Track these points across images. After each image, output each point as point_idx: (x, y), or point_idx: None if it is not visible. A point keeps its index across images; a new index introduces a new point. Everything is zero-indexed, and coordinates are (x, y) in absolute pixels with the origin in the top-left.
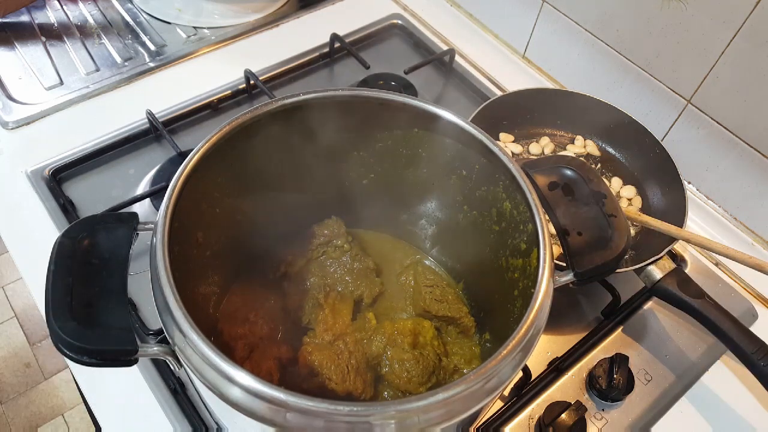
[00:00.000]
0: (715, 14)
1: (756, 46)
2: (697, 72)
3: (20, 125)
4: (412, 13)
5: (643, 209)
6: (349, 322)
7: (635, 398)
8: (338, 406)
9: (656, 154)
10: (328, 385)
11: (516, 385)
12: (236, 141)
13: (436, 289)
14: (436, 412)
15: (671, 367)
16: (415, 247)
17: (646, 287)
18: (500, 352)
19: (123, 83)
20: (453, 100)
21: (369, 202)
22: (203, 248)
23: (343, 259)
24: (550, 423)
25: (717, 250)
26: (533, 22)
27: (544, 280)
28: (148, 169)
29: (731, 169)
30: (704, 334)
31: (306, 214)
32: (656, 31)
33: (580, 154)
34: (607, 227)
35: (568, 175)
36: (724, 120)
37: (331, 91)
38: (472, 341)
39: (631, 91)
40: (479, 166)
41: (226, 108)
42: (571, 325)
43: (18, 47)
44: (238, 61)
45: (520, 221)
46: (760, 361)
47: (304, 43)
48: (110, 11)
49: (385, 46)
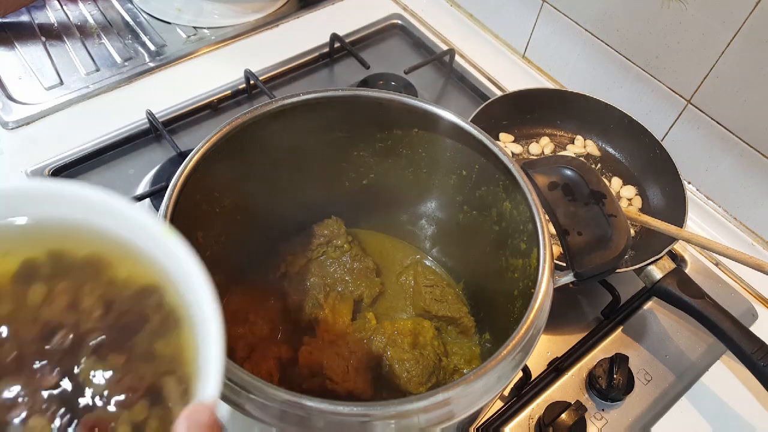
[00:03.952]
0: (715, 14)
1: (756, 46)
2: (697, 72)
3: (20, 125)
4: (412, 13)
5: (643, 209)
6: (349, 322)
7: (635, 398)
8: (338, 406)
9: (656, 154)
10: (328, 385)
11: (516, 385)
12: (236, 141)
13: (436, 289)
14: (436, 412)
15: (671, 367)
16: (415, 247)
17: (646, 287)
18: (500, 352)
19: (123, 83)
20: (453, 100)
21: (369, 201)
22: (203, 248)
23: (343, 259)
24: (550, 423)
25: (717, 250)
26: (533, 22)
27: (544, 280)
28: (148, 169)
29: (731, 169)
30: (704, 334)
31: (306, 214)
32: (656, 31)
33: (580, 154)
34: (607, 227)
35: (568, 175)
36: (724, 120)
37: (331, 91)
38: (472, 341)
39: (631, 91)
40: (479, 166)
41: (226, 108)
42: (571, 325)
43: (18, 47)
44: (238, 61)
45: (520, 221)
46: (760, 361)
47: (304, 43)
48: (110, 11)
49: (385, 46)
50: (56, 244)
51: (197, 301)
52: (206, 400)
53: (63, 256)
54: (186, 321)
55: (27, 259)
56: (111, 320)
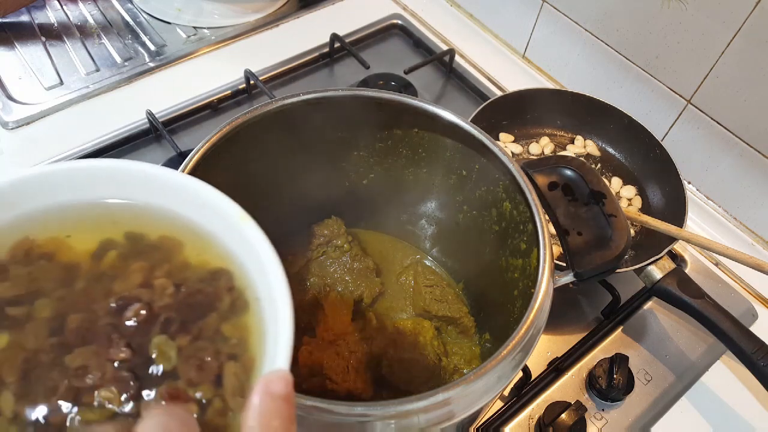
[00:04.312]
0: (715, 14)
1: (756, 46)
2: (697, 72)
3: (20, 125)
4: (412, 13)
5: (643, 209)
6: (349, 322)
7: (635, 398)
8: (338, 406)
9: (656, 154)
10: (328, 385)
11: (516, 385)
12: (236, 141)
13: (436, 289)
14: (436, 412)
15: (671, 367)
16: (415, 247)
17: (646, 287)
18: (500, 352)
19: (123, 83)
20: (453, 100)
21: (369, 202)
22: None
23: (343, 259)
24: (550, 423)
25: (717, 250)
26: (533, 22)
27: (544, 280)
28: None
29: (731, 169)
30: (704, 334)
31: (306, 214)
32: (656, 31)
33: (580, 154)
34: (607, 227)
35: (568, 175)
36: (724, 120)
37: (331, 91)
38: (472, 341)
39: (631, 91)
40: (479, 166)
41: (226, 108)
42: (571, 325)
43: (18, 47)
44: (238, 61)
45: (520, 221)
46: (760, 361)
47: (304, 43)
48: (110, 11)
49: (385, 46)
50: (133, 226)
51: (269, 284)
52: (279, 369)
53: (139, 237)
54: (253, 304)
55: (105, 239)
56: (182, 300)
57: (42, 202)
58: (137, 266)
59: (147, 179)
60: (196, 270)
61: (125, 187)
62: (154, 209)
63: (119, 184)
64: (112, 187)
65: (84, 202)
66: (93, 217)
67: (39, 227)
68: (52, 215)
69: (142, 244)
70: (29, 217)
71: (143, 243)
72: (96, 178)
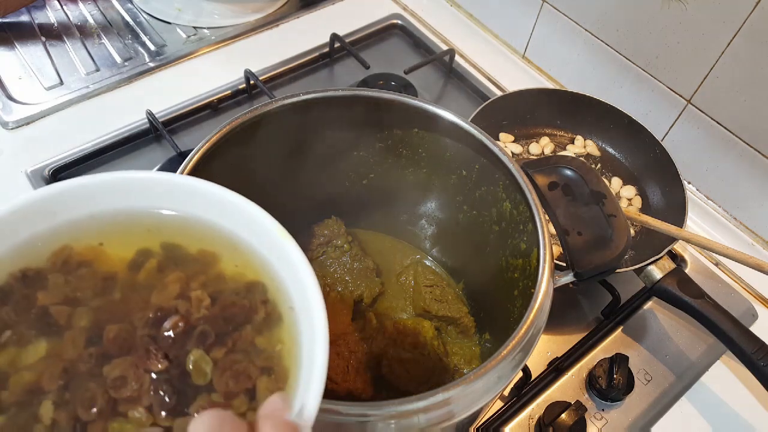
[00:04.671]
0: (715, 14)
1: (756, 46)
2: (697, 72)
3: (20, 125)
4: (412, 13)
5: (643, 209)
6: (349, 322)
7: (635, 398)
8: (338, 406)
9: (656, 154)
10: (328, 385)
11: (516, 385)
12: (236, 141)
13: (436, 289)
14: (436, 412)
15: (671, 367)
16: (415, 247)
17: (646, 287)
18: (500, 352)
19: (123, 83)
20: (453, 100)
21: (369, 201)
22: None
23: (343, 259)
24: (550, 423)
25: (717, 250)
26: (533, 22)
27: (544, 280)
28: (148, 169)
29: (731, 169)
30: (704, 334)
31: (306, 214)
32: (656, 31)
33: (580, 154)
34: (607, 227)
35: (568, 175)
36: (724, 120)
37: (331, 91)
38: (472, 341)
39: (631, 91)
40: (479, 166)
41: (226, 108)
42: (571, 325)
43: (18, 47)
44: (238, 61)
45: (520, 221)
46: (760, 361)
47: (304, 43)
48: (110, 11)
49: (385, 46)
50: (170, 237)
51: (305, 300)
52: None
53: (176, 248)
54: (287, 317)
55: (142, 248)
56: (218, 312)
57: (80, 211)
58: (174, 277)
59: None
60: (230, 282)
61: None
62: (195, 222)
63: (158, 195)
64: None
65: (121, 212)
66: (130, 226)
67: (77, 236)
68: (89, 224)
69: (178, 255)
70: (68, 226)
71: (179, 253)
72: (142, 189)
